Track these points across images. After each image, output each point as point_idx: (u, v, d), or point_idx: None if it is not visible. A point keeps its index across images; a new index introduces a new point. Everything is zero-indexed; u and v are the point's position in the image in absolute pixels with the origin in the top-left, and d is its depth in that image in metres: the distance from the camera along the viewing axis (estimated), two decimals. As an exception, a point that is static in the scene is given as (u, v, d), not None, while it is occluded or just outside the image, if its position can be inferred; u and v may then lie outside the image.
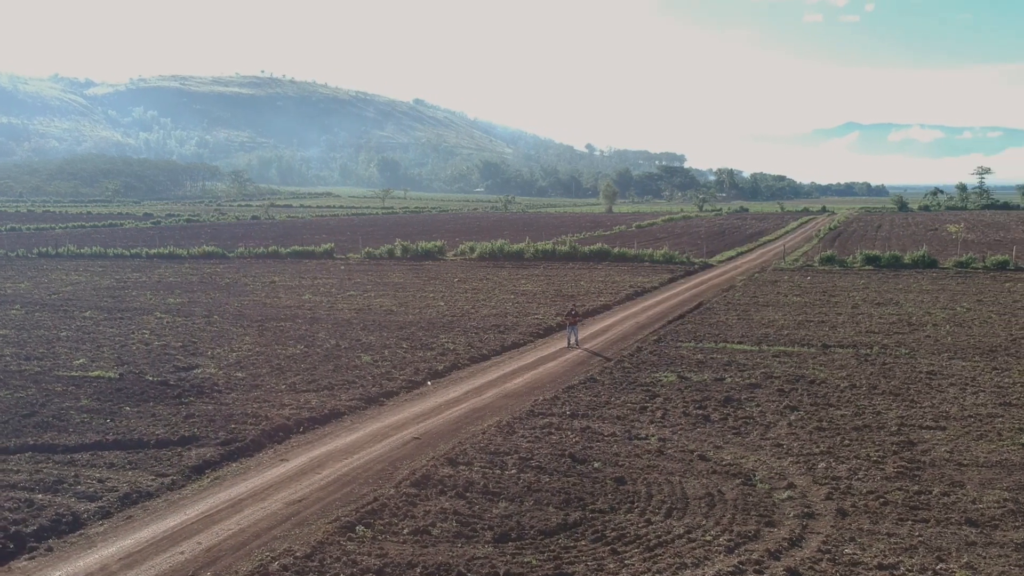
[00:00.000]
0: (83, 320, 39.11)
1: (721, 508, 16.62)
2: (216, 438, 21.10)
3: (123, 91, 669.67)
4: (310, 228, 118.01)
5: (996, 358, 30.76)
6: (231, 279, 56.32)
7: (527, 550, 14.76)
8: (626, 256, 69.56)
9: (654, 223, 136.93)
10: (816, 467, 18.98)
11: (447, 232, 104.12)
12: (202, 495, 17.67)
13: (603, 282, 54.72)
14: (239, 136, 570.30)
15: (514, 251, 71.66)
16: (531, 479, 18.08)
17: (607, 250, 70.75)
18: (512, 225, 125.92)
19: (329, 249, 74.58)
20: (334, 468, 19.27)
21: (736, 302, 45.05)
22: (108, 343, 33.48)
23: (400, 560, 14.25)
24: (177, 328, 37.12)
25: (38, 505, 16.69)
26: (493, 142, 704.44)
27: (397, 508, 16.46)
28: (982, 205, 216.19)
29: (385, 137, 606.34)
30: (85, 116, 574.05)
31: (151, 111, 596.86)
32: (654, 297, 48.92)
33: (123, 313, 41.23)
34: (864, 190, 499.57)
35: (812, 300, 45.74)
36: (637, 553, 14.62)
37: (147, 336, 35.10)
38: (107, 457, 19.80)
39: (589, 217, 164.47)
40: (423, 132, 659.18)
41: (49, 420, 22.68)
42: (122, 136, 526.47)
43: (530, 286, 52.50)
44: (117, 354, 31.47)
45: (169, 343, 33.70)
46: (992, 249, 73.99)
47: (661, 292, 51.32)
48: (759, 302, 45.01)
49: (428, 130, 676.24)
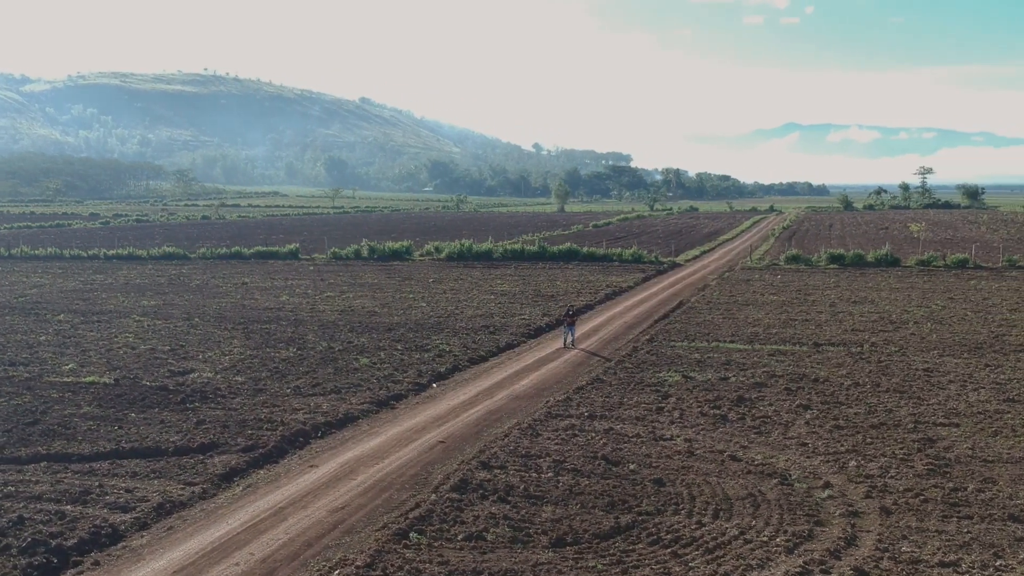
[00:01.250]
0: (59, 324, 37.99)
1: (766, 508, 16.68)
2: (236, 444, 20.63)
3: (61, 88, 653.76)
4: (264, 228, 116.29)
5: (984, 355, 31.40)
6: (201, 281, 55.24)
7: (587, 554, 14.64)
8: (595, 256, 69.79)
9: (610, 222, 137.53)
10: (847, 466, 19.15)
11: (404, 232, 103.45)
12: (239, 504, 17.23)
13: (579, 282, 54.79)
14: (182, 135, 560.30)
15: (482, 251, 71.45)
16: (570, 482, 17.96)
17: (576, 249, 70.90)
18: (468, 224, 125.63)
19: (294, 250, 73.61)
20: (368, 474, 18.94)
21: (716, 301, 45.43)
22: (93, 348, 32.56)
23: (464, 567, 14.04)
24: (160, 332, 36.26)
25: (70, 517, 16.11)
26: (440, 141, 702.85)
27: (445, 514, 16.21)
28: (924, 204, 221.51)
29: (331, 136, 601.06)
30: (21, 114, 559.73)
31: (91, 109, 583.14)
32: (633, 296, 49.12)
33: (99, 316, 40.16)
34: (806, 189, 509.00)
35: (790, 299, 46.30)
36: (698, 555, 14.59)
37: (131, 340, 34.23)
38: (127, 466, 19.22)
39: (543, 216, 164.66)
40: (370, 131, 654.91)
41: (55, 428, 21.96)
42: (61, 134, 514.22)
43: (506, 286, 52.35)
44: (106, 359, 30.64)
45: (156, 347, 32.90)
46: (946, 247, 75.83)
47: (638, 291, 51.56)
48: (738, 301, 45.44)
49: (375, 129, 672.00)
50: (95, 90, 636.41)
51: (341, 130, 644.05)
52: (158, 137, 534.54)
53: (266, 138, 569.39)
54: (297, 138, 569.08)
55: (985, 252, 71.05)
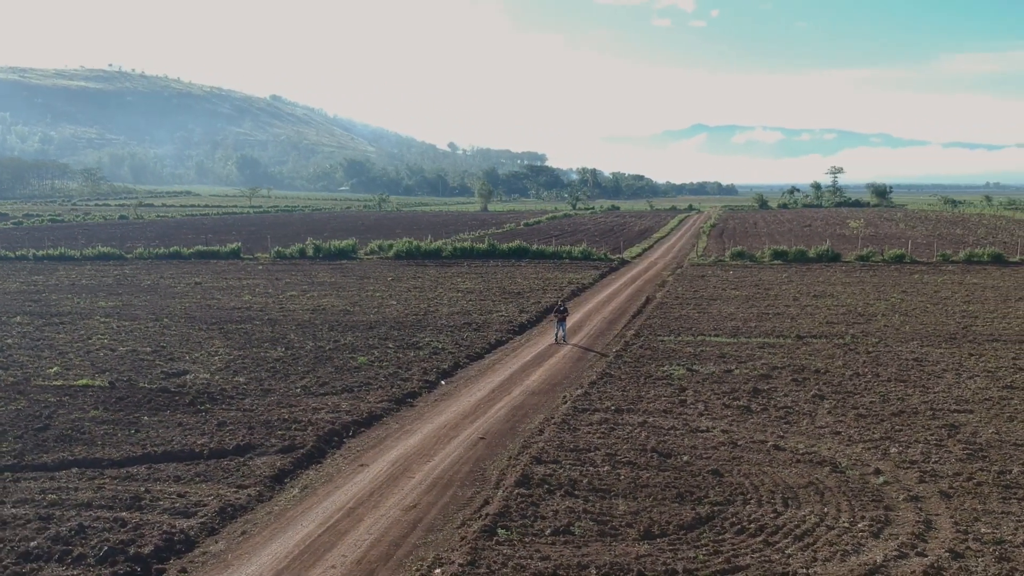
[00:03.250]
0: (20, 326, 36.26)
1: (831, 496, 16.94)
2: (272, 446, 20.02)
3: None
4: (187, 228, 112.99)
5: (961, 345, 32.52)
6: (151, 281, 53.41)
7: (680, 545, 14.65)
8: (544, 253, 69.99)
9: (539, 221, 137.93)
10: (889, 452, 19.61)
11: (337, 231, 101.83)
12: (303, 505, 16.72)
13: (538, 279, 54.86)
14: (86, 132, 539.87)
15: (432, 249, 70.94)
16: (631, 475, 17.94)
17: (525, 247, 70.98)
18: (399, 224, 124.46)
19: (235, 249, 71.85)
20: (424, 472, 18.59)
21: (683, 296, 46.02)
22: (71, 351, 31.20)
23: (567, 562, 13.89)
24: (134, 333, 34.95)
25: (133, 524, 15.39)
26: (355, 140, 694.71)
27: (522, 509, 16.02)
28: (836, 203, 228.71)
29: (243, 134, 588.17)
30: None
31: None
32: (600, 293, 49.37)
33: (60, 318, 38.48)
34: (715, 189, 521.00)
35: (751, 294, 47.18)
36: (789, 543, 14.74)
37: (107, 342, 32.89)
38: (165, 470, 18.46)
39: (470, 216, 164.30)
40: (282, 129, 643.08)
41: (69, 433, 20.96)
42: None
43: (469, 284, 52.06)
44: (89, 362, 29.40)
45: (136, 349, 31.70)
46: (873, 243, 78.22)
47: (601, 288, 51.89)
48: (704, 296, 46.12)
49: (287, 127, 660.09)
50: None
51: (252, 128, 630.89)
52: (61, 135, 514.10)
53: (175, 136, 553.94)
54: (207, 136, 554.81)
55: (915, 247, 73.58)
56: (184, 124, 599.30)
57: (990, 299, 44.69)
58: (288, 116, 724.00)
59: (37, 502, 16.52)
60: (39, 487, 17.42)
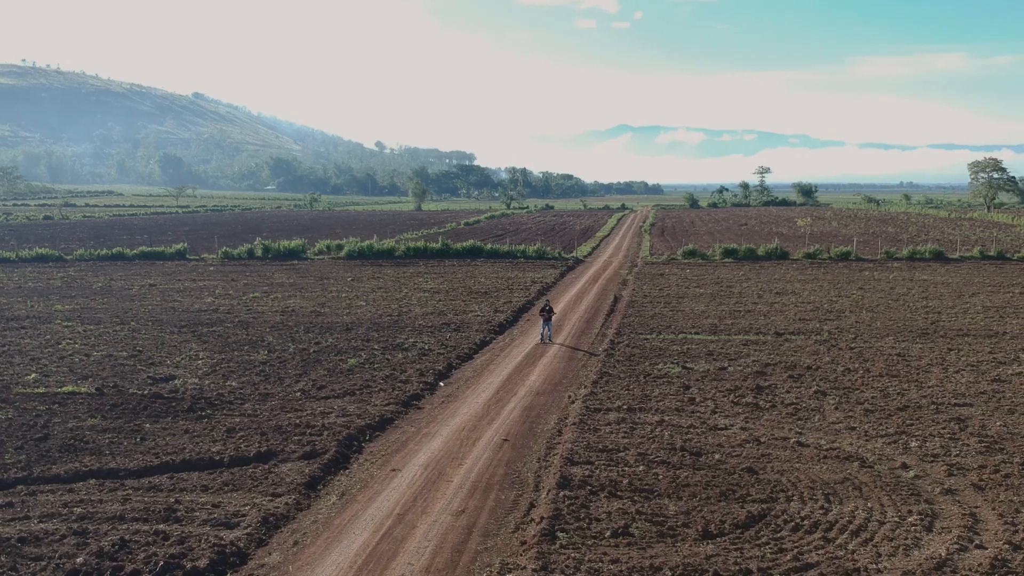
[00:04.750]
0: (-22, 332, 34.69)
1: (869, 491, 17.14)
2: (294, 452, 19.45)
3: None
4: (118, 228, 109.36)
5: (935, 340, 33.35)
6: (102, 284, 51.61)
7: (743, 544, 14.64)
8: (499, 252, 69.83)
9: (479, 220, 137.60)
10: (909, 447, 19.96)
11: (273, 231, 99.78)
12: (348, 513, 16.25)
13: (500, 278, 54.66)
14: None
15: (384, 249, 70.14)
16: (668, 474, 17.90)
17: (480, 246, 70.73)
18: (337, 223, 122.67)
19: (181, 250, 69.96)
20: (460, 476, 18.26)
21: (649, 295, 46.31)
22: (43, 356, 29.93)
23: (638, 564, 13.76)
24: (103, 337, 33.70)
25: (176, 537, 14.75)
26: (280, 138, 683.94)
27: (573, 512, 15.83)
28: (763, 202, 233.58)
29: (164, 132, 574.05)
30: None
31: None
32: (567, 292, 49.38)
33: (19, 322, 36.91)
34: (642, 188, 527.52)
35: (715, 291, 47.75)
36: (847, 538, 14.86)
37: (79, 347, 31.66)
38: (189, 480, 17.78)
39: (406, 215, 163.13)
40: (205, 127, 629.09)
41: (72, 443, 20.08)
42: None
43: (432, 284, 51.57)
44: (66, 367, 28.25)
45: (111, 353, 30.57)
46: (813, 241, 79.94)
47: (566, 287, 51.93)
48: (670, 294, 46.49)
49: (210, 125, 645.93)
50: None
51: (175, 126, 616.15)
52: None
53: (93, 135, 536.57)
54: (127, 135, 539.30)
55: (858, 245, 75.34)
56: (103, 122, 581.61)
57: (944, 295, 46.00)
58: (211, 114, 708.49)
59: (64, 516, 15.73)
60: (60, 500, 16.60)
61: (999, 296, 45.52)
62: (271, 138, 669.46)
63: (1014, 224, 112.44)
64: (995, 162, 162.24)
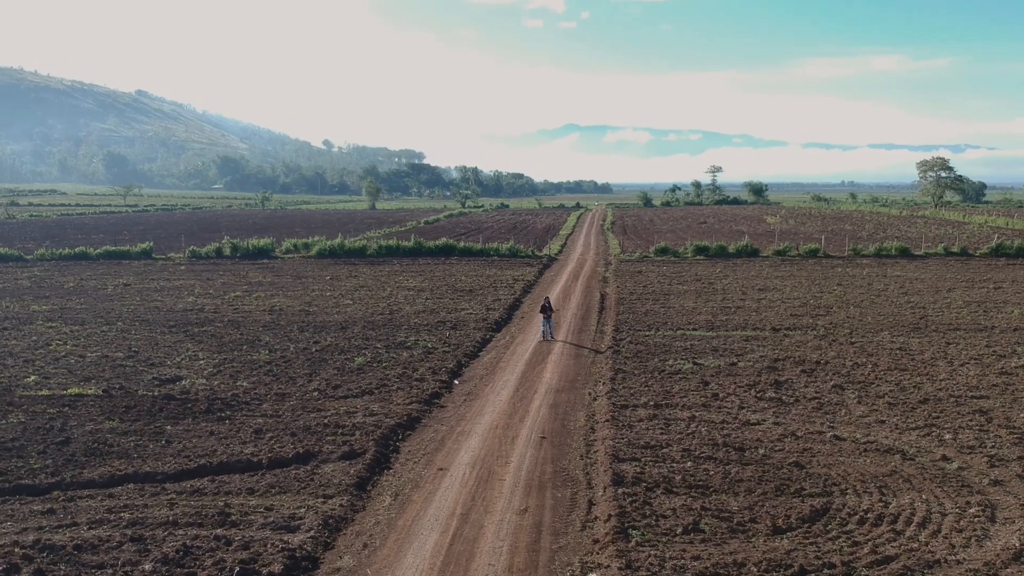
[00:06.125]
0: (-42, 333, 33.48)
1: (919, 483, 17.26)
2: (331, 452, 19.03)
3: None
4: (69, 228, 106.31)
5: (928, 335, 33.85)
6: (73, 284, 50.18)
7: (816, 539, 14.61)
8: (472, 251, 69.51)
9: (438, 219, 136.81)
10: (944, 439, 20.16)
11: (231, 230, 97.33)
12: (408, 514, 15.92)
13: (480, 276, 54.37)
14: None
15: (356, 247, 69.41)
16: (719, 470, 17.84)
17: (453, 245, 70.33)
18: (295, 222, 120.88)
19: (147, 249, 68.39)
20: (510, 474, 17.99)
21: (636, 292, 46.39)
22: (37, 358, 28.97)
23: (721, 560, 13.65)
24: (94, 338, 32.75)
25: (239, 542, 14.27)
26: (226, 137, 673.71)
27: (637, 509, 15.69)
28: (716, 201, 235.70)
29: (108, 130, 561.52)
30: None
31: None
32: (552, 290, 49.13)
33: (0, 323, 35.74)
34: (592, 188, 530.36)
35: (698, 288, 47.98)
36: (916, 531, 14.93)
37: (71, 348, 30.72)
38: (231, 483, 17.27)
39: (363, 214, 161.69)
40: (150, 125, 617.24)
41: (96, 447, 19.41)
42: None
43: (414, 282, 51.07)
44: (65, 369, 27.39)
45: (107, 354, 29.72)
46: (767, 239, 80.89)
47: (549, 285, 51.79)
48: (655, 292, 46.61)
49: (155, 123, 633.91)
50: None
51: (118, 124, 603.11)
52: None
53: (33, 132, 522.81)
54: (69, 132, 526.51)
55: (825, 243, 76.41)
56: (43, 119, 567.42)
57: (922, 291, 46.77)
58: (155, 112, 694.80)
59: (114, 522, 15.14)
60: (102, 506, 16.00)
61: (975, 291, 46.39)
62: (217, 136, 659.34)
63: (966, 222, 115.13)
64: (943, 161, 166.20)
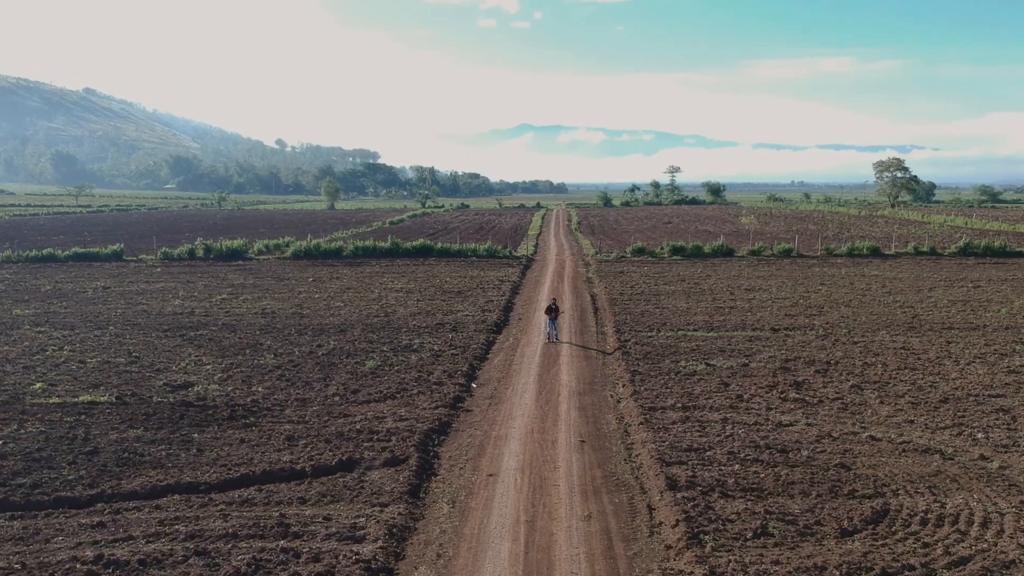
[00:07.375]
0: (-55, 339, 32.41)
1: (967, 482, 17.42)
2: (374, 459, 18.67)
3: None
4: (25, 229, 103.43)
5: (924, 334, 34.30)
6: (50, 287, 48.93)
7: (885, 540, 14.64)
8: (450, 251, 69.12)
9: (403, 219, 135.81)
10: (976, 438, 20.39)
11: (195, 231, 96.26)
12: (472, 521, 15.69)
13: (464, 277, 54.06)
14: None
15: (332, 248, 68.68)
16: (769, 472, 17.82)
17: (430, 246, 69.90)
18: (257, 222, 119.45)
19: (118, 250, 66.97)
20: (561, 480, 17.82)
21: (625, 292, 46.41)
22: (37, 364, 28.12)
23: (801, 564, 13.61)
24: (88, 343, 31.91)
25: (309, 554, 13.90)
26: (177, 136, 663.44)
27: (700, 514, 15.59)
28: (675, 200, 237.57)
29: (55, 129, 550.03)
30: None
31: None
32: (539, 291, 49.07)
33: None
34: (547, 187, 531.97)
35: (686, 288, 48.16)
36: (980, 531, 15.03)
37: (68, 354, 29.87)
38: (279, 492, 16.87)
39: (324, 214, 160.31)
40: (98, 124, 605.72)
41: (127, 457, 18.86)
42: None
43: (399, 284, 50.61)
44: (68, 375, 26.63)
45: (108, 360, 28.97)
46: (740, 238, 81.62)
47: (535, 285, 51.65)
48: (644, 292, 46.69)
49: (104, 122, 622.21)
50: None
51: (66, 123, 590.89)
52: None
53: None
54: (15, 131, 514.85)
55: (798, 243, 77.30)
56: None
57: (904, 290, 47.45)
58: (104, 111, 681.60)
59: (171, 535, 14.67)
60: (152, 518, 15.51)
61: (955, 291, 47.14)
62: (168, 136, 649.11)
63: (926, 221, 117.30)
64: (898, 162, 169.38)
